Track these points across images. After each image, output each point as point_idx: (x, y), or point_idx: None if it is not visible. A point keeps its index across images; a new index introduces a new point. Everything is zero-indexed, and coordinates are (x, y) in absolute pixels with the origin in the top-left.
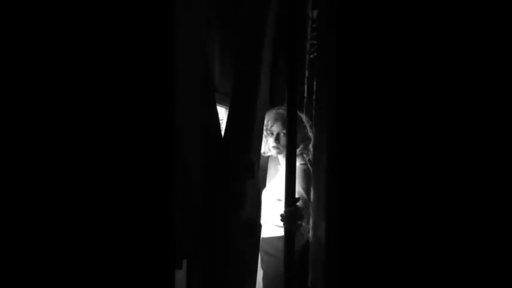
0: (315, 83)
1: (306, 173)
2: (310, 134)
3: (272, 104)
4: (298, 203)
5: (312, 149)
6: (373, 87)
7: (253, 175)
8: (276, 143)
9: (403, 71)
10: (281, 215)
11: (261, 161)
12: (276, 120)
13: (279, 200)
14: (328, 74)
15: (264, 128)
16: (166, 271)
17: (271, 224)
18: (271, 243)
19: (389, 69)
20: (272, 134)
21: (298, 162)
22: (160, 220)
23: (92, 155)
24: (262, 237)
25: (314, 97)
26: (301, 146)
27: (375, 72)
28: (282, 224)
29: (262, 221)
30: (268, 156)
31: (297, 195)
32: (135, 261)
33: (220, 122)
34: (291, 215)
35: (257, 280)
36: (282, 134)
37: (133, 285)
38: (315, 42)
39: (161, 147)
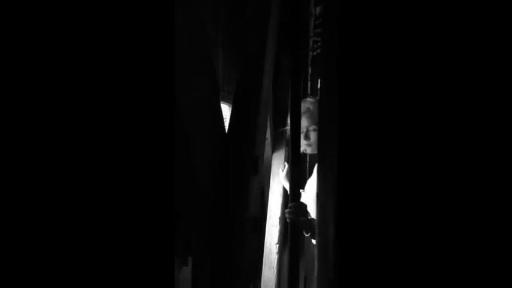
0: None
1: None
2: None
3: (275, 100)
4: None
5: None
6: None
7: (257, 171)
8: (306, 140)
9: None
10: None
11: (265, 158)
12: (302, 114)
13: (314, 200)
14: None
15: None
16: (166, 271)
17: None
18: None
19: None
20: (302, 131)
21: None
22: (160, 220)
23: (89, 154)
24: None
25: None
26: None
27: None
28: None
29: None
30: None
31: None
32: (135, 261)
33: (224, 119)
34: (295, 210)
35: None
36: (310, 130)
37: (132, 285)
38: (318, 39)
39: (160, 144)
